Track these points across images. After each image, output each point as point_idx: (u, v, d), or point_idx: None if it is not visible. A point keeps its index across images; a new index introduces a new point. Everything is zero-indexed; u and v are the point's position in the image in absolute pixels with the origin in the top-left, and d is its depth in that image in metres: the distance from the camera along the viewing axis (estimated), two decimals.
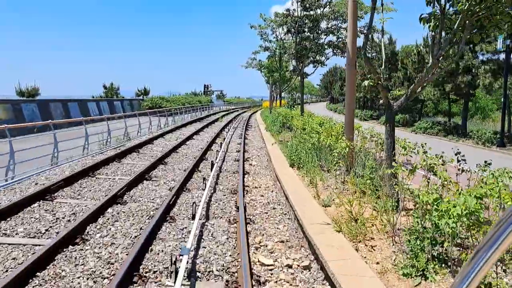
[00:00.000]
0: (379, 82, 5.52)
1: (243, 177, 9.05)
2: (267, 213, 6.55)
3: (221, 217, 6.25)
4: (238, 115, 41.14)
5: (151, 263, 4.32)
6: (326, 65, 14.15)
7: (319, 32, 13.20)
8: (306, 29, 13.76)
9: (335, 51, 13.59)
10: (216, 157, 11.36)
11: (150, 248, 4.76)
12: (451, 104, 40.96)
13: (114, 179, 8.71)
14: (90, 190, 7.57)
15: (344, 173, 6.98)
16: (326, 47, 13.59)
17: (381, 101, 5.53)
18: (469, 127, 26.26)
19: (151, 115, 20.41)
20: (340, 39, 13.26)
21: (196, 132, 19.22)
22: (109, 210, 6.31)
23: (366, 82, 5.54)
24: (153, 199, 7.14)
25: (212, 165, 9.83)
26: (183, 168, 10.20)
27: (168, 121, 23.86)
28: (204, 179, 8.02)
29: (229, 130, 19.86)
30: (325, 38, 13.61)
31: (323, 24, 13.57)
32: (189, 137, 16.90)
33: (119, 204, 6.72)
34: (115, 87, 47.96)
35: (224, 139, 15.84)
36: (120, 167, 10.04)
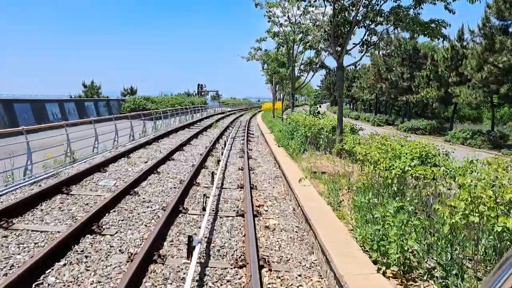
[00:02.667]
0: None
1: None
2: None
3: None
4: (235, 119, 35.84)
5: None
6: (379, 47, 8.93)
7: None
8: None
9: (396, 24, 8.37)
10: (204, 208, 6.18)
11: None
12: (479, 109, 35.92)
13: None
14: None
15: None
16: (387, 15, 8.29)
17: None
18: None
19: (118, 121, 15.06)
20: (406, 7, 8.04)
21: (180, 147, 13.89)
22: None
23: None
24: None
25: (190, 247, 4.62)
26: (135, 242, 4.93)
27: (147, 129, 18.49)
28: None
29: (225, 143, 14.60)
30: (383, 3, 8.36)
31: None
32: (168, 157, 11.55)
33: None
34: (96, 86, 42.43)
35: (219, 161, 10.54)
36: None
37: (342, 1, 8.54)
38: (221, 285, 4.05)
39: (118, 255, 4.62)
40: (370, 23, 8.73)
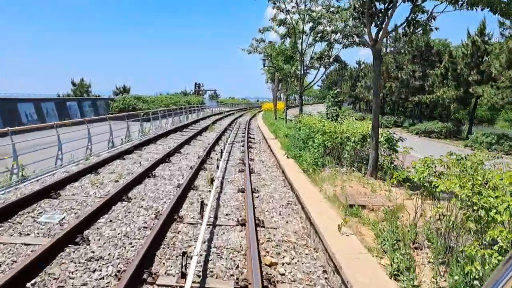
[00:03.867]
0: None
1: None
2: None
3: None
4: (234, 120, 33.39)
5: None
6: (432, 29, 6.47)
7: None
8: None
9: None
10: (183, 274, 3.82)
11: None
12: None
13: None
14: None
15: None
16: None
17: None
18: None
19: (98, 123, 12.64)
20: None
21: (167, 157, 11.42)
22: None
23: None
24: None
25: None
26: None
27: (132, 133, 15.99)
28: None
29: (222, 152, 12.14)
30: None
31: None
32: (148, 172, 9.08)
33: None
34: (86, 84, 39.89)
35: (212, 180, 8.12)
36: None
37: None
38: None
39: None
40: None
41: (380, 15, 6.81)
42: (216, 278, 4.14)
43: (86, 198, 6.88)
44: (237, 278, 4.12)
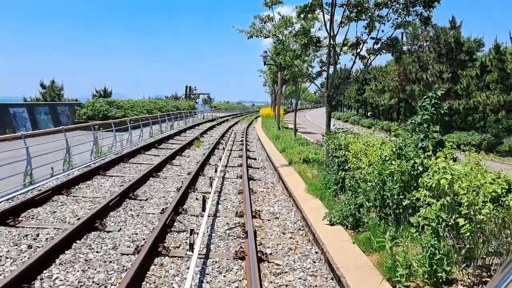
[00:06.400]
0: None
1: None
2: None
3: None
4: (228, 128, 28.21)
5: None
6: None
7: None
8: None
9: None
10: None
11: None
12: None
13: None
14: None
15: None
16: None
17: None
18: None
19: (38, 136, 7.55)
20: None
21: (102, 214, 6.27)
22: None
23: None
24: None
25: None
26: None
27: (71, 157, 10.71)
28: None
29: (205, 201, 7.05)
30: None
31: None
32: (20, 285, 3.90)
33: None
34: (57, 86, 34.59)
35: None
36: None
37: None
38: None
39: None
40: None
41: None
42: None
43: None
44: None
